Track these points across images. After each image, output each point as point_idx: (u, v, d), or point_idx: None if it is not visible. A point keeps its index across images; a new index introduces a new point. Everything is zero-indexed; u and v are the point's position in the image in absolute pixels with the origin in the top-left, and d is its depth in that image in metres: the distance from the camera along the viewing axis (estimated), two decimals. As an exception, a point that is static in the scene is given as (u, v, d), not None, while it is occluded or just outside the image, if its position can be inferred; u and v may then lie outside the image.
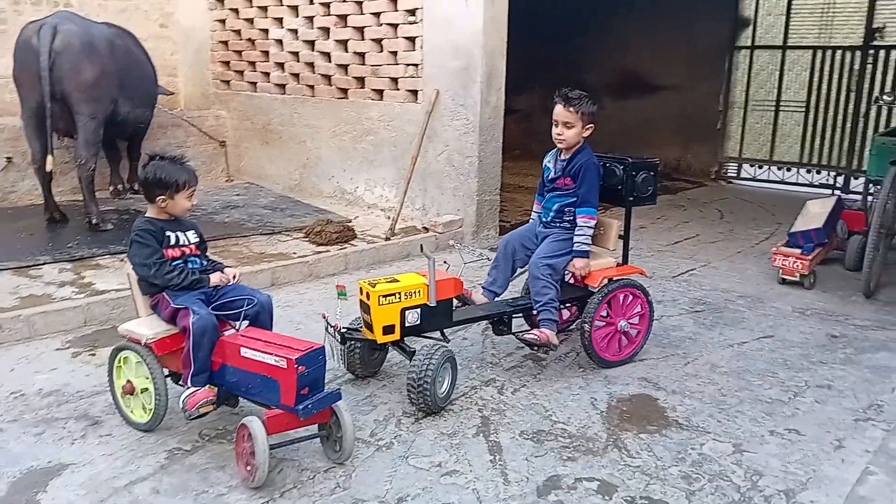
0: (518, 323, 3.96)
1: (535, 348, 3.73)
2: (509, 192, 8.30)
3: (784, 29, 9.56)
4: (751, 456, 2.96)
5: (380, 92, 6.71)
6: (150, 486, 2.69)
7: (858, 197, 6.93)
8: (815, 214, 5.56)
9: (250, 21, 7.84)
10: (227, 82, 8.43)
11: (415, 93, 6.40)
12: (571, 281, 3.82)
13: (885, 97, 5.91)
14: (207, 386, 2.93)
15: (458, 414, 3.27)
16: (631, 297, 3.84)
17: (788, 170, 9.82)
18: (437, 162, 6.32)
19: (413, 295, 3.34)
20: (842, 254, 5.73)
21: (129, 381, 3.07)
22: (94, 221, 5.78)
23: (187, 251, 3.14)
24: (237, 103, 8.30)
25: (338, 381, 3.56)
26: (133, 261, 3.05)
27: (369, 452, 2.93)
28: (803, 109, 9.53)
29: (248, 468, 2.64)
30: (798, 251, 5.21)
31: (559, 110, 3.76)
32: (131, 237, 3.05)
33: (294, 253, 5.54)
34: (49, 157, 5.57)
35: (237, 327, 3.04)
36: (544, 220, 3.89)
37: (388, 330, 3.30)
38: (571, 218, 3.76)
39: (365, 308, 3.35)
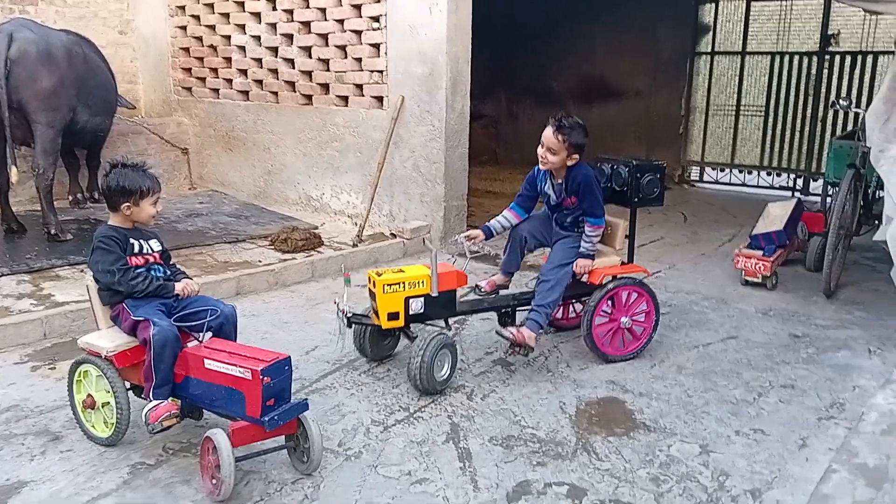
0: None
1: (513, 347, 3.75)
2: (477, 196, 8.31)
3: (743, 35, 9.73)
4: (717, 456, 3.00)
5: (344, 98, 6.68)
6: (112, 502, 2.63)
7: (818, 199, 7.08)
8: (775, 217, 5.66)
9: (212, 27, 7.75)
10: (189, 89, 8.32)
11: (380, 99, 6.38)
12: (585, 280, 3.90)
13: (841, 101, 6.04)
14: (170, 399, 2.87)
15: (428, 421, 3.25)
16: (635, 295, 3.95)
17: (749, 173, 9.99)
18: (404, 168, 6.31)
19: (417, 285, 3.56)
20: (802, 255, 5.84)
21: (89, 395, 3.00)
22: (52, 232, 5.65)
23: (151, 259, 3.10)
24: (199, 110, 8.20)
25: (305, 391, 3.52)
26: (95, 268, 2.99)
27: (338, 462, 2.90)
28: (763, 114, 9.71)
29: (214, 482, 2.59)
30: (760, 253, 5.30)
31: (548, 134, 3.74)
32: (94, 244, 3.00)
33: (259, 261, 5.48)
34: (14, 168, 5.42)
35: (200, 339, 2.98)
36: (560, 224, 3.97)
37: (392, 316, 3.53)
38: (581, 226, 3.89)
39: (372, 296, 3.58)
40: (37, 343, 4.07)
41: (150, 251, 3.11)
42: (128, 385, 2.98)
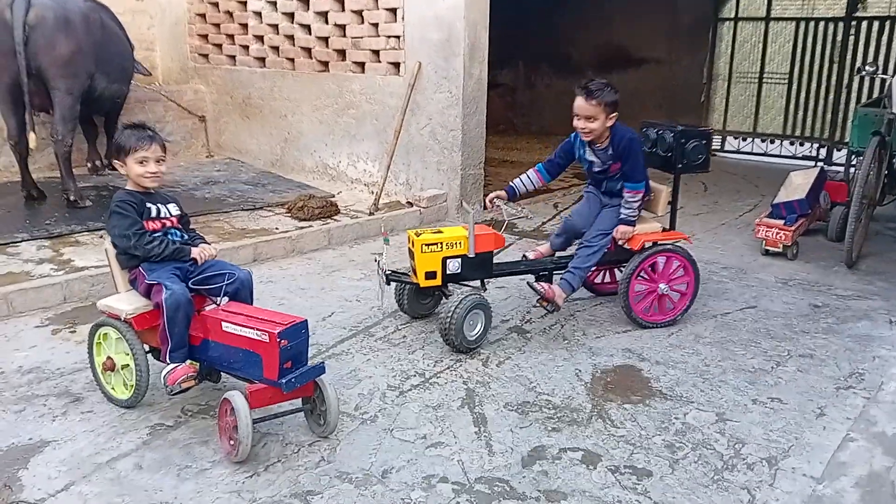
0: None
1: (541, 301, 3.81)
2: (493, 166, 8.27)
3: (767, 0, 9.53)
4: (734, 424, 2.98)
5: (361, 65, 6.63)
6: (132, 461, 2.67)
7: (841, 168, 6.97)
8: (797, 185, 5.58)
9: (228, -7, 7.69)
10: (206, 56, 8.29)
11: (397, 65, 6.32)
12: (625, 245, 3.92)
13: (867, 68, 5.91)
14: (188, 361, 2.90)
15: (443, 386, 3.27)
16: (675, 263, 3.95)
17: (772, 142, 9.85)
18: (421, 136, 6.26)
19: (454, 245, 3.64)
20: (824, 224, 5.76)
21: (109, 358, 3.03)
22: (72, 198, 5.69)
23: (168, 223, 3.09)
24: (216, 77, 8.17)
25: (322, 357, 3.54)
26: (112, 232, 3.00)
27: (354, 426, 2.92)
28: (786, 81, 9.54)
29: (232, 443, 2.62)
30: (781, 222, 5.23)
31: (580, 104, 3.72)
32: (110, 209, 3.00)
33: (276, 228, 5.49)
34: (32, 135, 5.45)
35: (218, 303, 2.99)
36: (607, 193, 3.97)
37: (430, 275, 3.64)
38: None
39: (411, 255, 3.69)
40: (57, 307, 4.12)
41: (167, 215, 3.10)
42: (147, 347, 3.01)
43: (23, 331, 3.81)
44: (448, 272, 3.66)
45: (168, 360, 2.87)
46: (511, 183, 4.06)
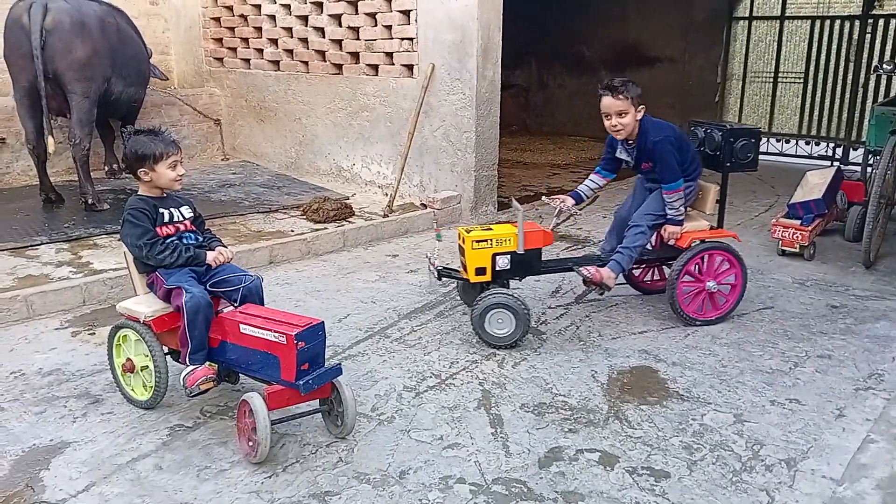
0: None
1: (588, 285, 3.86)
2: (507, 167, 8.28)
3: (782, -1, 9.47)
4: (752, 426, 2.97)
5: (375, 67, 6.65)
6: (152, 462, 2.69)
7: (858, 168, 6.91)
8: (814, 185, 5.53)
9: (243, -3, 7.74)
10: (221, 59, 8.34)
11: (410, 67, 6.34)
12: (673, 243, 3.96)
13: (884, 66, 5.86)
14: (207, 363, 2.92)
15: (459, 388, 3.27)
16: (722, 260, 3.97)
17: (787, 141, 9.77)
18: (434, 137, 6.28)
19: (504, 242, 3.72)
20: (841, 224, 5.71)
21: (129, 359, 3.06)
22: (90, 201, 5.75)
23: (182, 227, 3.10)
24: (231, 81, 8.23)
25: (338, 358, 3.56)
26: (126, 241, 3.01)
27: (371, 427, 2.94)
28: (802, 80, 9.46)
29: (251, 444, 2.64)
30: (798, 222, 5.19)
31: (608, 102, 3.78)
32: (124, 216, 3.01)
33: (292, 231, 5.52)
34: (50, 139, 5.52)
35: (235, 305, 2.99)
36: (651, 182, 4.04)
37: (480, 271, 3.72)
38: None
39: (461, 251, 3.78)
40: (76, 309, 4.16)
41: (181, 219, 3.11)
42: (166, 350, 3.04)
43: (43, 333, 3.85)
44: (497, 268, 3.73)
45: (188, 363, 2.89)
46: (577, 189, 4.16)
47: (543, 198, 4.10)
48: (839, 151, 9.31)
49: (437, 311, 4.19)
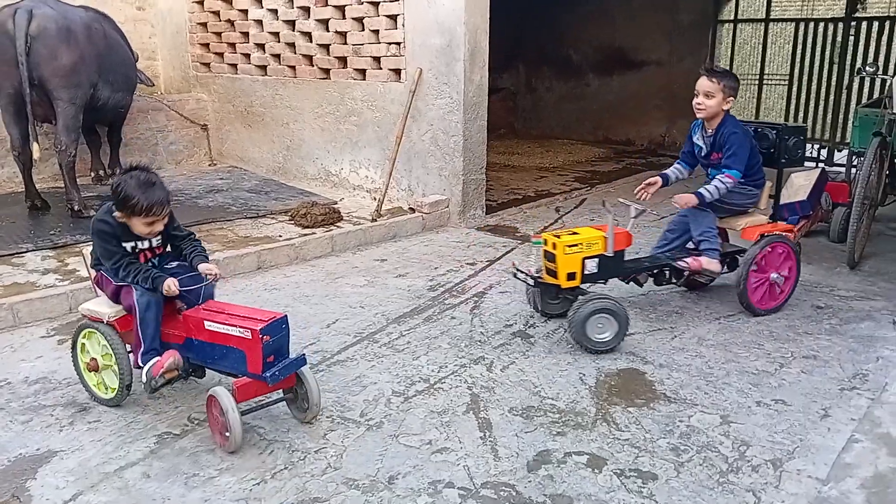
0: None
1: (690, 276, 4.07)
2: (495, 171, 8.30)
3: (766, 2, 9.55)
4: (738, 427, 2.99)
5: (362, 71, 6.65)
6: (140, 470, 2.68)
7: (842, 169, 6.97)
8: (799, 187, 5.57)
9: (229, 2, 7.73)
10: (207, 65, 8.33)
11: (398, 72, 6.35)
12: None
13: (867, 68, 5.92)
14: (170, 348, 2.97)
15: (448, 392, 3.28)
16: (782, 253, 4.16)
17: (772, 143, 9.85)
18: (422, 142, 6.29)
19: (593, 246, 3.79)
20: (826, 226, 5.76)
21: (93, 359, 3.11)
22: (76, 208, 5.72)
23: (145, 256, 3.06)
24: (218, 86, 8.21)
25: (326, 363, 3.56)
26: (95, 251, 3.04)
27: (360, 432, 2.94)
28: (787, 82, 9.55)
29: (226, 434, 2.74)
30: (783, 223, 5.22)
31: (703, 82, 4.01)
32: (92, 226, 2.98)
33: (279, 236, 5.51)
34: (35, 145, 5.49)
35: (199, 302, 3.00)
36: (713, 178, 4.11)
37: (570, 276, 3.76)
38: (742, 179, 4.08)
39: (550, 257, 3.77)
40: (62, 317, 4.14)
41: (146, 246, 3.04)
42: (129, 348, 3.06)
43: (29, 341, 3.83)
44: (585, 272, 3.79)
45: (140, 363, 2.93)
46: (665, 172, 4.27)
47: (619, 200, 4.16)
48: (824, 153, 9.40)
49: (425, 315, 4.19)
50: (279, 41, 7.34)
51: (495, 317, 4.17)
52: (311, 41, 7.02)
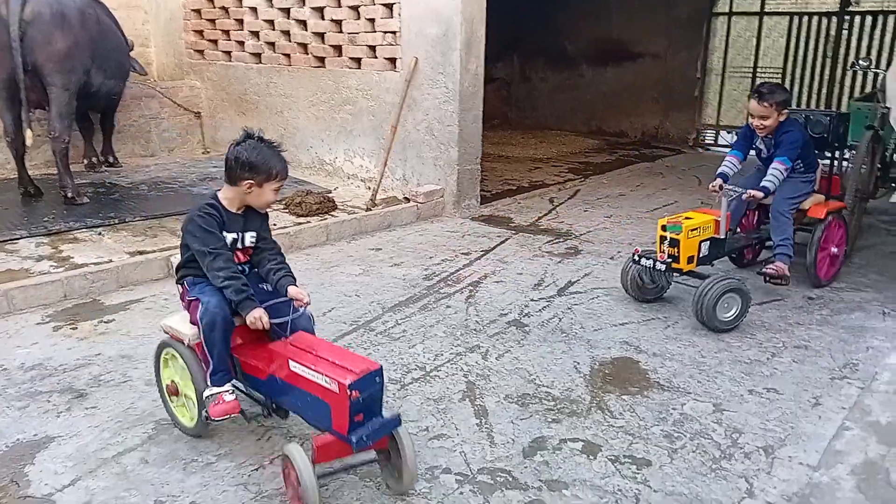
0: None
1: (770, 279, 4.22)
2: (489, 161, 8.31)
3: (761, -5, 9.57)
4: (731, 415, 3.03)
5: (357, 60, 6.64)
6: (138, 456, 2.69)
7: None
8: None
9: (223, -11, 7.69)
10: (201, 52, 8.29)
11: (393, 61, 6.34)
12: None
13: (860, 62, 5.95)
14: (235, 395, 2.63)
15: (444, 380, 3.30)
16: (839, 228, 4.57)
17: (765, 136, 9.89)
18: (417, 131, 6.29)
19: (707, 229, 4.04)
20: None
21: (172, 382, 2.81)
22: (69, 195, 5.69)
23: (237, 258, 2.74)
24: (211, 73, 8.17)
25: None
26: (189, 239, 2.65)
27: (356, 419, 2.95)
28: (780, 76, 9.58)
29: (299, 500, 2.29)
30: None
31: (754, 106, 4.26)
32: (192, 214, 2.65)
33: (274, 224, 5.49)
34: (28, 132, 5.46)
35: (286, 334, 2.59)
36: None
37: (690, 260, 3.98)
38: (801, 167, 4.41)
39: (671, 242, 3.94)
40: (57, 304, 4.13)
41: (239, 246, 2.74)
42: None
43: (24, 328, 3.82)
44: (700, 254, 4.02)
45: (209, 383, 2.61)
46: (721, 171, 4.39)
47: (711, 185, 4.27)
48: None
49: (421, 304, 4.21)
50: (274, 29, 7.31)
51: (490, 306, 4.20)
52: (305, 29, 6.99)
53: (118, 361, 3.44)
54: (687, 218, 4.04)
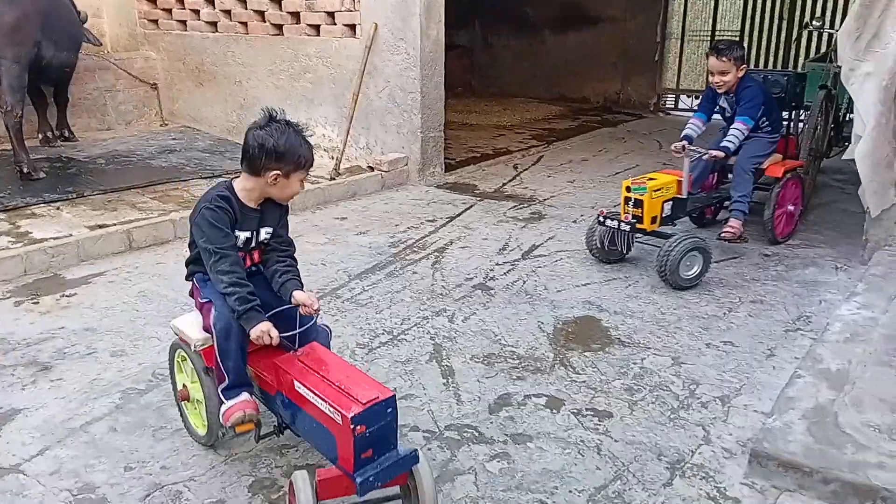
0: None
1: (733, 241, 4.35)
2: (453, 129, 8.29)
3: (719, -42, 9.63)
4: (689, 367, 3.13)
5: (316, 27, 6.56)
6: (106, 425, 2.70)
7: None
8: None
9: (177, -44, 7.50)
10: (155, 21, 8.09)
11: (353, 27, 6.27)
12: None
13: (814, 22, 6.06)
14: (245, 394, 2.36)
15: (411, 343, 3.35)
16: (795, 186, 4.70)
17: (724, 99, 10.02)
18: (379, 99, 6.25)
19: (670, 189, 4.11)
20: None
21: (184, 386, 2.60)
22: (25, 170, 5.58)
23: (250, 258, 2.46)
24: (167, 43, 8.00)
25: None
26: (197, 236, 2.34)
27: (325, 383, 2.98)
28: (738, 37, 9.68)
29: None
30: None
31: (713, 62, 4.32)
32: (203, 204, 2.33)
33: (237, 195, 5.45)
34: None
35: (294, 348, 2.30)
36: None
37: (654, 220, 4.05)
38: (767, 126, 4.49)
39: (636, 203, 4.01)
40: (18, 279, 4.07)
41: (252, 245, 2.44)
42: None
43: (-16, 303, 3.77)
44: (663, 214, 4.09)
45: (224, 399, 2.34)
46: (686, 133, 4.45)
47: (673, 146, 4.32)
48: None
49: (387, 271, 4.24)
50: (230, -3, 7.16)
51: (456, 271, 4.24)
52: (263, -4, 6.87)
53: (82, 334, 3.42)
54: (651, 179, 4.10)
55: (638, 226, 4.04)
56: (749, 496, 2.33)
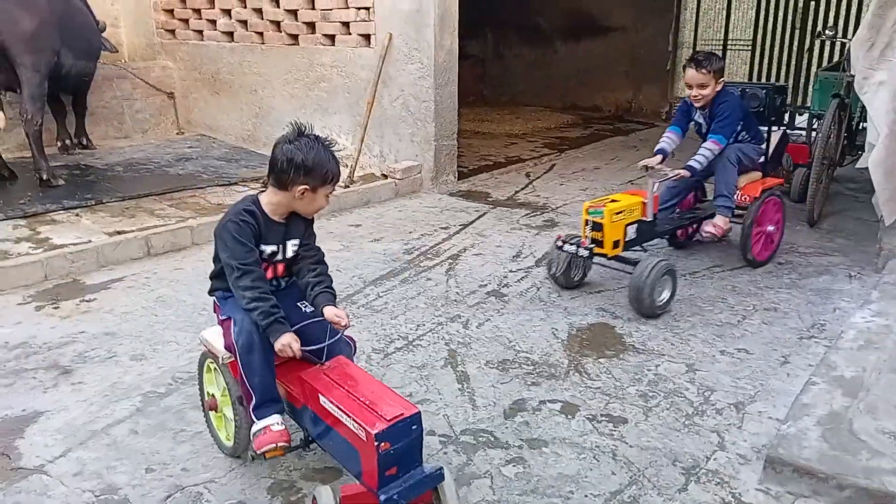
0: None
1: (718, 240, 4.27)
2: (465, 138, 8.34)
3: (731, -33, 9.65)
4: (703, 374, 3.14)
5: (331, 37, 6.63)
6: (127, 427, 2.74)
7: (803, 131, 7.14)
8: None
9: (193, -34, 7.61)
10: (172, 31, 8.20)
11: (367, 37, 6.34)
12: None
13: (827, 31, 6.07)
14: (279, 422, 2.30)
15: (427, 348, 3.38)
16: (775, 205, 4.43)
17: (736, 108, 10.01)
18: (393, 107, 6.31)
19: (634, 212, 3.84)
20: (787, 186, 5.93)
21: (212, 396, 2.59)
22: (44, 177, 5.66)
23: (274, 272, 2.45)
24: (183, 53, 8.10)
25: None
26: (221, 250, 2.34)
27: (341, 387, 3.02)
28: (750, 48, 9.69)
29: None
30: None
31: (692, 74, 4.10)
32: (228, 218, 2.33)
33: (253, 202, 5.51)
34: (1, 114, 5.39)
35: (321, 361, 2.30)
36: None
37: (616, 244, 3.79)
38: (747, 138, 4.34)
39: (595, 227, 3.74)
40: (38, 284, 4.13)
41: (279, 258, 2.43)
42: None
43: (6, 308, 3.83)
44: (626, 238, 3.83)
45: (255, 419, 2.29)
46: (660, 147, 4.26)
47: (643, 162, 4.09)
48: (785, 116, 9.57)
49: (401, 277, 4.28)
50: (245, 7, 7.25)
51: (470, 277, 4.27)
52: (278, 6, 6.95)
53: (102, 339, 3.47)
54: (613, 201, 3.83)
55: (598, 250, 3.77)
56: (764, 502, 2.35)
